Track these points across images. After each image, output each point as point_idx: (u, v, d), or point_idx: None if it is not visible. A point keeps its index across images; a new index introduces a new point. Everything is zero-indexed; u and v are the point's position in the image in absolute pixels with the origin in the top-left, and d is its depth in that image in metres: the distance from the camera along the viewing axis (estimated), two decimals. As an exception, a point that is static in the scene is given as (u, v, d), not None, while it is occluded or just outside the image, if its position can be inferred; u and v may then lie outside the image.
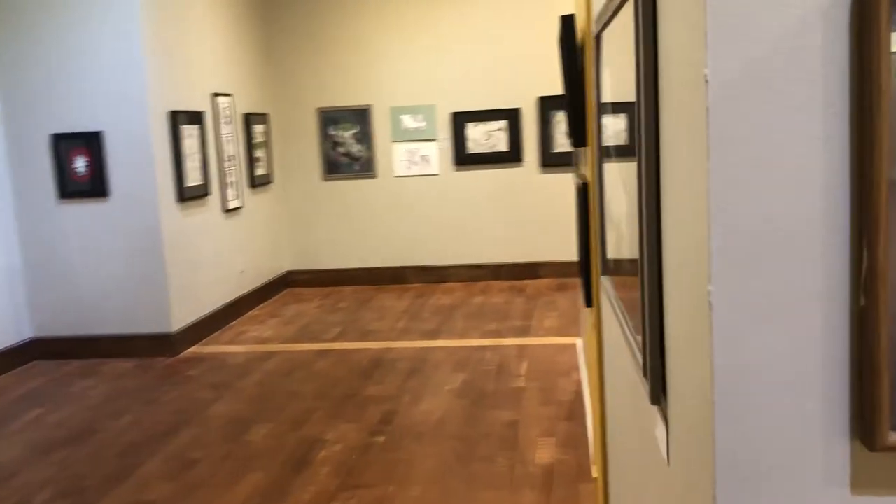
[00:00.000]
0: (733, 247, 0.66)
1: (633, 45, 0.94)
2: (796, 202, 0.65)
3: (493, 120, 7.39)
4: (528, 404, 4.27)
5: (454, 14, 7.34)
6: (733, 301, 0.66)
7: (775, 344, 0.66)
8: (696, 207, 0.71)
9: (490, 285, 7.40)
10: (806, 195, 0.64)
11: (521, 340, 5.52)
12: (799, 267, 0.65)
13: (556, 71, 7.15)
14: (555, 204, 7.40)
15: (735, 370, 0.67)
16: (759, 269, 0.66)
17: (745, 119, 0.64)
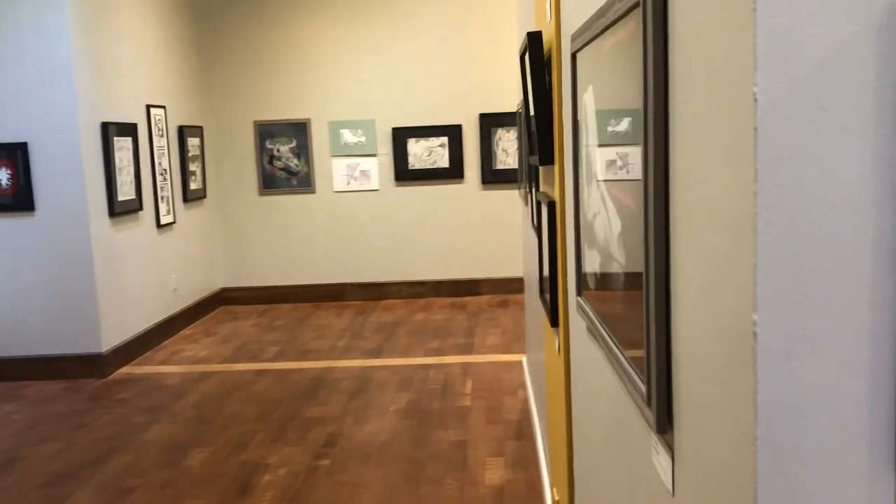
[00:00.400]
0: (781, 274, 0.62)
1: (640, 65, 0.91)
2: (846, 227, 0.61)
3: (435, 136, 7.36)
4: (475, 424, 4.22)
5: (395, 29, 7.31)
6: (779, 331, 0.63)
7: (821, 376, 0.63)
8: (731, 230, 0.67)
9: (431, 302, 7.35)
10: (856, 220, 0.61)
11: (465, 358, 5.47)
12: (847, 296, 0.62)
13: (497, 88, 7.21)
14: (496, 221, 7.41)
15: (779, 403, 0.63)
16: (807, 299, 0.62)
17: (793, 140, 0.61)
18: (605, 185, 1.21)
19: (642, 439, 1.10)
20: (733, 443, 0.71)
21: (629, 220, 1.05)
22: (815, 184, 0.61)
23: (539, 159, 1.92)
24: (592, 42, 1.26)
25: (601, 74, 1.20)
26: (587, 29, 1.31)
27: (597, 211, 1.30)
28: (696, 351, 0.82)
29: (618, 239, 1.12)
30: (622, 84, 1.05)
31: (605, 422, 1.40)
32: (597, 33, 1.21)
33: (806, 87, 0.61)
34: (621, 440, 1.26)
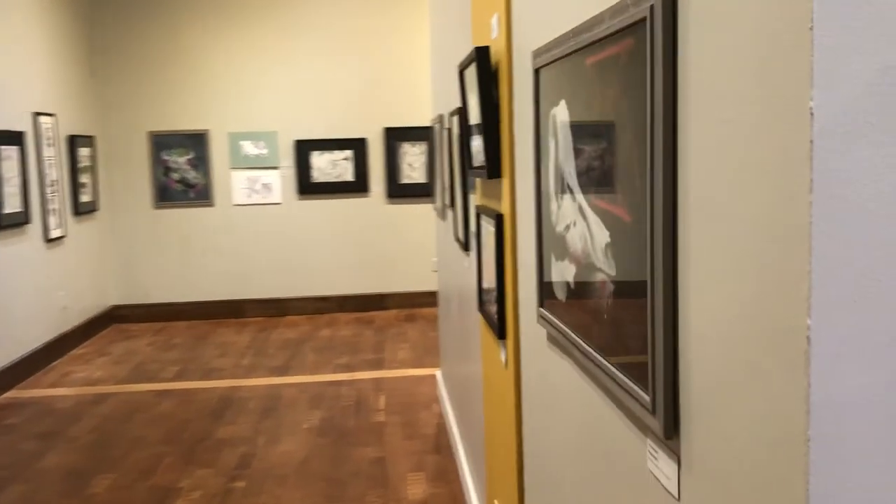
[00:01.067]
0: (833, 280, 0.65)
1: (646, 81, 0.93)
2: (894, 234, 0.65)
3: (339, 149, 7.30)
4: (391, 439, 4.18)
5: (299, 40, 7.21)
6: (832, 335, 0.65)
7: (873, 382, 0.66)
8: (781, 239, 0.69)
9: (336, 318, 7.25)
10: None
11: (376, 373, 5.42)
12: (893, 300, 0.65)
13: (402, 102, 7.22)
14: (401, 235, 7.40)
15: (831, 404, 0.66)
16: (856, 304, 0.65)
17: (846, 152, 0.64)
18: (585, 198, 1.23)
19: (632, 446, 1.12)
20: (770, 444, 0.73)
21: (619, 230, 1.08)
22: (866, 193, 0.64)
23: (487, 173, 1.94)
24: (568, 57, 1.29)
25: (581, 89, 1.22)
26: (559, 45, 1.34)
27: (570, 222, 1.32)
28: (716, 358, 0.84)
29: (604, 249, 1.14)
30: (613, 98, 1.08)
31: (575, 430, 1.42)
32: (576, 48, 1.23)
33: (858, 102, 0.64)
34: (600, 448, 1.28)
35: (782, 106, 0.68)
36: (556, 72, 1.38)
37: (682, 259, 0.91)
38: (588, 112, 1.20)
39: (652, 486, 1.04)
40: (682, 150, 0.90)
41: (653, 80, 0.92)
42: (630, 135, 1.02)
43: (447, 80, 3.65)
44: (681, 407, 0.94)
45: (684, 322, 0.91)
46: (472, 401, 3.13)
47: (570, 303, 1.35)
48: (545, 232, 1.51)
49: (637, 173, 1.00)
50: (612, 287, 1.12)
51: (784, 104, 0.67)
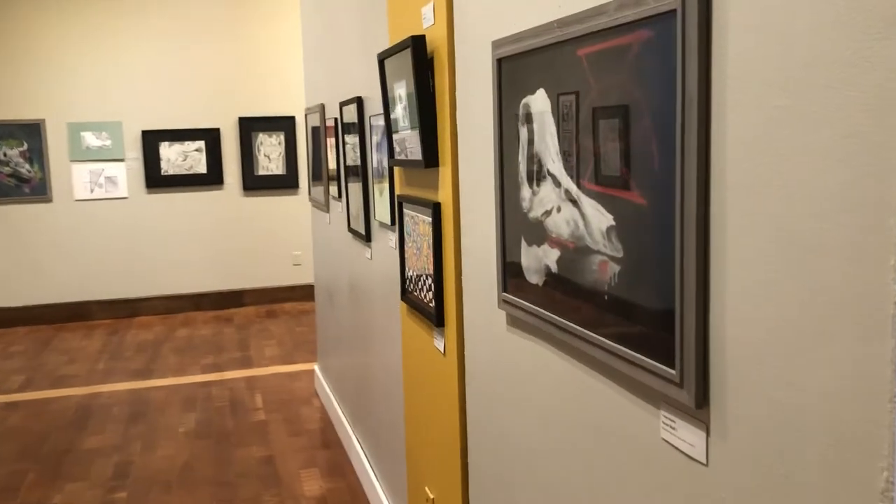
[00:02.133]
0: (918, 252, 0.72)
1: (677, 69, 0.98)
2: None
3: (190, 140, 6.98)
4: (276, 437, 4.08)
5: (145, 23, 6.81)
6: (914, 302, 0.73)
7: (944, 338, 0.74)
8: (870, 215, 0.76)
9: (192, 316, 6.94)
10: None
11: (247, 372, 5.26)
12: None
13: (258, 91, 7.00)
14: (259, 228, 7.20)
15: (911, 365, 0.73)
16: (932, 272, 0.73)
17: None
18: (576, 183, 1.27)
19: (638, 418, 1.17)
20: (842, 404, 0.80)
21: (629, 213, 1.12)
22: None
23: (424, 162, 1.94)
24: (551, 48, 1.32)
25: (571, 78, 1.26)
26: (536, 35, 1.37)
27: (552, 208, 1.36)
28: (761, 327, 0.91)
29: (605, 232, 1.19)
30: (621, 86, 1.12)
31: (551, 408, 1.46)
32: (563, 39, 1.27)
33: (937, 91, 0.71)
34: (589, 422, 1.33)
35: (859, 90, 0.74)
36: (529, 61, 1.41)
37: (717, 235, 0.97)
38: (580, 101, 1.24)
39: (668, 455, 1.10)
40: (716, 132, 0.95)
41: (685, 69, 0.97)
42: (647, 121, 1.06)
43: (332, 70, 3.60)
44: (711, 377, 1.00)
45: (717, 299, 0.97)
46: (374, 392, 3.12)
47: (552, 285, 1.38)
48: (511, 218, 1.54)
49: (657, 158, 1.05)
50: (617, 268, 1.17)
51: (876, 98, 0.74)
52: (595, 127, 1.21)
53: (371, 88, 2.85)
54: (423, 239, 2.08)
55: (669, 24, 1.00)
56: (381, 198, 2.71)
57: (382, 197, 2.69)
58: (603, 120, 1.18)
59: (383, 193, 2.68)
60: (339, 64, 3.41)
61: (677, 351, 1.03)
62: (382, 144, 2.64)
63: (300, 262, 7.24)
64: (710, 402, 1.01)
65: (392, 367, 2.78)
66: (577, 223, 1.28)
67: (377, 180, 2.77)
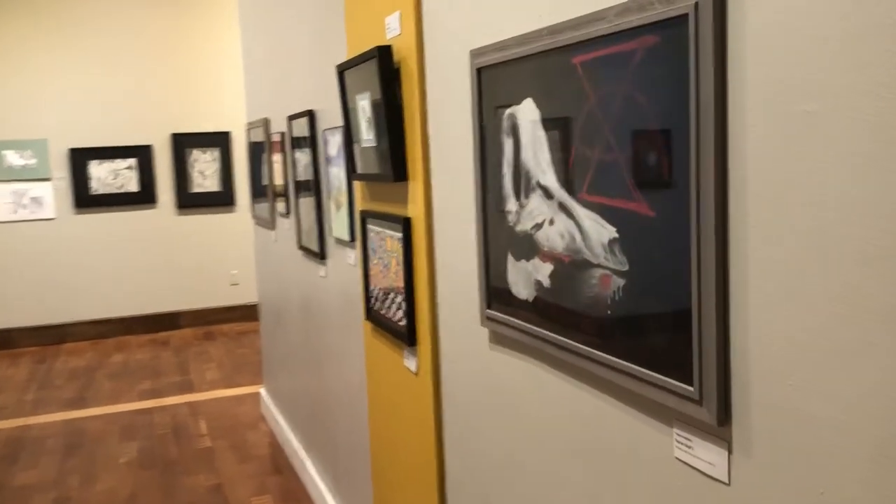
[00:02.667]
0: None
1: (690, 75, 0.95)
2: None
3: (121, 157, 6.74)
4: (224, 464, 3.93)
5: (73, 38, 6.56)
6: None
7: None
8: None
9: (125, 341, 6.68)
10: None
11: (189, 397, 5.07)
12: None
13: (192, 106, 6.79)
14: (194, 248, 6.99)
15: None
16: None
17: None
18: (572, 195, 1.23)
19: (647, 437, 1.13)
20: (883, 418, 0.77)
21: (634, 225, 1.09)
22: None
23: (393, 176, 1.88)
24: (540, 56, 1.28)
25: (565, 87, 1.22)
26: (522, 44, 1.33)
27: (543, 220, 1.32)
28: (790, 341, 0.88)
29: (607, 245, 1.15)
30: (623, 94, 1.09)
31: (541, 427, 1.41)
32: (554, 47, 1.23)
33: None
34: (588, 443, 1.28)
35: None
36: (514, 71, 1.37)
37: (738, 247, 0.93)
38: (576, 110, 1.20)
39: (684, 474, 1.06)
40: (734, 138, 0.92)
41: (699, 74, 0.94)
42: (655, 129, 1.03)
43: (279, 84, 3.51)
44: (732, 393, 0.97)
45: (739, 313, 0.94)
46: (332, 414, 3.02)
47: (544, 301, 1.34)
48: (495, 232, 1.49)
49: (666, 167, 1.01)
50: (621, 282, 1.13)
51: None
52: (593, 136, 1.17)
53: (324, 101, 2.78)
54: (390, 255, 2.01)
55: (679, 29, 0.97)
56: (339, 213, 2.63)
57: (340, 213, 2.61)
58: (603, 129, 1.14)
59: (341, 209, 2.60)
60: (288, 78, 3.32)
61: (695, 367, 1.00)
62: (339, 158, 2.56)
63: (238, 282, 7.06)
64: (731, 419, 0.98)
65: (353, 388, 2.69)
66: (574, 236, 1.24)
67: (333, 195, 2.69)
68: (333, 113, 2.65)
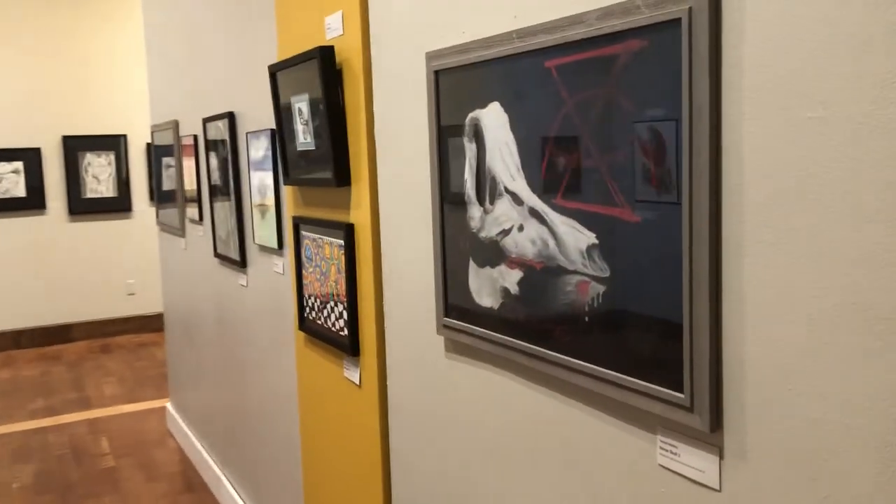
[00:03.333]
0: None
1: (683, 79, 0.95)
2: None
3: (6, 161, 6.32)
4: (130, 485, 3.72)
5: (-53, 34, 6.11)
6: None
7: None
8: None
9: (12, 356, 6.26)
10: None
11: (87, 414, 4.78)
12: None
13: (85, 107, 6.42)
14: (88, 256, 6.63)
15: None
16: None
17: None
18: (545, 200, 1.21)
19: (625, 445, 1.12)
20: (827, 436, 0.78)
21: (616, 231, 1.07)
22: None
23: (335, 181, 1.81)
24: (509, 59, 1.26)
25: (537, 90, 1.20)
26: (487, 47, 1.30)
27: (512, 226, 1.29)
28: (786, 347, 0.88)
29: (585, 251, 1.14)
30: (606, 98, 1.07)
31: (506, 437, 1.39)
32: (526, 50, 1.21)
33: None
34: (558, 452, 1.26)
35: None
36: (478, 74, 1.34)
37: (732, 252, 0.93)
38: (550, 114, 1.18)
39: (669, 481, 1.06)
40: (729, 144, 0.92)
41: (692, 78, 0.94)
42: (642, 134, 1.02)
43: (192, 85, 3.36)
44: (724, 400, 0.97)
45: (733, 319, 0.94)
46: (253, 428, 2.90)
47: (511, 308, 1.31)
48: (455, 239, 1.45)
49: (654, 171, 1.00)
50: (601, 288, 1.12)
51: None
52: (570, 141, 1.15)
53: (245, 103, 2.67)
54: (330, 263, 1.94)
55: (670, 33, 0.97)
56: (265, 220, 2.53)
57: (266, 219, 2.51)
58: (581, 134, 1.13)
59: (267, 215, 2.50)
60: (203, 78, 3.18)
61: (686, 374, 0.99)
62: (266, 162, 2.47)
63: (135, 292, 6.74)
64: (723, 425, 0.97)
65: (279, 400, 2.59)
66: (547, 242, 1.22)
67: (257, 201, 2.59)
68: (257, 115, 2.55)
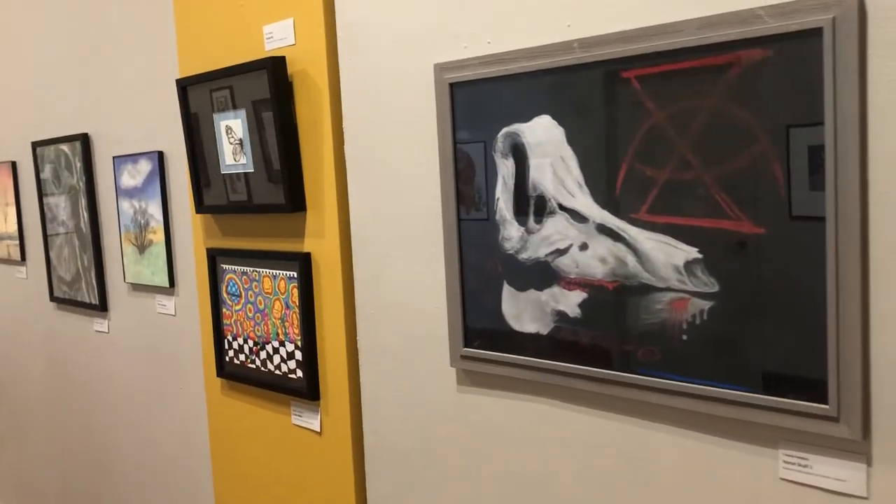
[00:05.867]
0: None
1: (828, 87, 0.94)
2: None
3: None
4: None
5: None
6: None
7: None
8: None
9: None
10: None
11: None
12: None
13: None
14: None
15: None
16: None
17: None
18: (625, 217, 1.16)
19: (737, 464, 1.09)
20: None
21: (731, 244, 1.05)
22: None
23: (288, 205, 1.61)
24: (562, 70, 1.19)
25: (609, 103, 1.15)
26: (535, 57, 1.23)
27: (567, 246, 1.22)
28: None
29: (683, 267, 1.10)
30: (711, 109, 1.05)
31: (543, 474, 1.30)
32: (600, 60, 1.16)
33: None
34: (629, 480, 1.21)
35: None
36: (518, 86, 1.26)
37: (880, 259, 0.94)
38: (630, 126, 1.13)
39: (799, 495, 1.04)
40: (876, 153, 0.94)
41: (836, 88, 0.94)
42: (764, 145, 1.01)
43: (12, 103, 2.89)
44: (872, 407, 0.97)
45: (887, 324, 0.95)
46: (115, 496, 2.51)
47: (570, 332, 1.24)
48: (479, 262, 1.35)
49: (782, 182, 0.99)
50: (706, 304, 1.08)
51: None
52: (659, 154, 1.11)
53: (110, 123, 2.34)
54: (271, 299, 1.73)
55: (803, 43, 0.97)
56: (144, 256, 2.21)
57: (147, 254, 2.20)
58: (676, 146, 1.09)
59: (149, 250, 2.19)
60: (36, 94, 2.74)
61: (833, 384, 0.98)
62: (148, 189, 2.16)
63: None
64: (871, 433, 0.98)
65: (161, 461, 2.27)
66: (624, 259, 1.16)
67: (132, 234, 2.26)
68: (131, 136, 2.24)
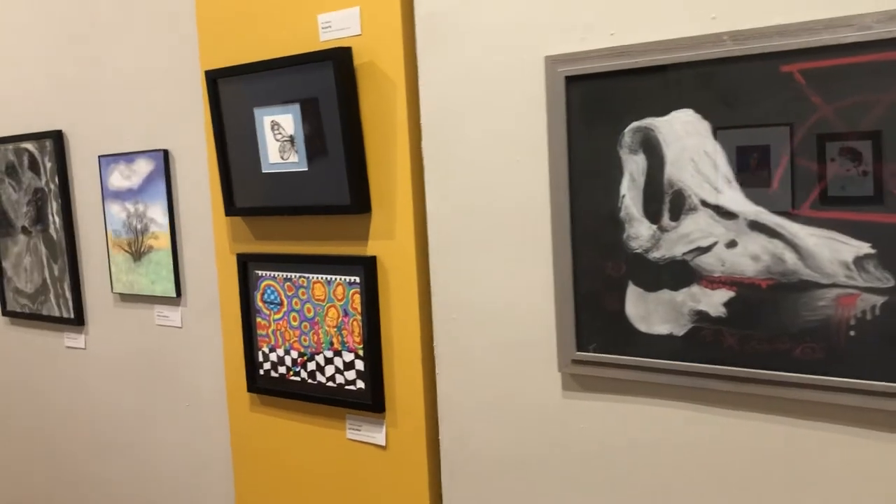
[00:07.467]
0: None
1: None
2: None
3: None
4: None
5: None
6: None
7: None
8: None
9: None
10: None
11: None
12: None
13: None
14: None
15: None
16: None
17: None
18: (783, 214, 1.14)
19: None
20: None
21: (893, 239, 1.05)
22: None
23: (352, 207, 1.49)
24: (706, 64, 1.17)
25: (769, 96, 1.12)
26: (672, 50, 1.19)
27: (711, 244, 1.19)
28: None
29: (854, 262, 1.09)
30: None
31: (691, 475, 1.27)
32: (745, 53, 1.13)
33: None
34: (785, 481, 1.19)
35: None
36: (650, 79, 1.22)
37: None
38: (795, 121, 1.11)
39: None
40: None
41: None
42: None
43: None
44: None
45: None
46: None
47: (712, 333, 1.21)
48: (598, 261, 1.30)
49: None
50: (879, 300, 1.08)
51: None
52: (825, 148, 1.10)
53: (86, 120, 2.13)
54: (322, 306, 1.61)
55: None
56: (142, 263, 2.02)
57: (146, 261, 2.00)
58: (846, 141, 1.08)
59: (148, 256, 2.00)
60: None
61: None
62: (149, 191, 1.97)
63: None
64: None
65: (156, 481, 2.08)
66: (782, 256, 1.14)
67: (124, 239, 2.06)
68: (123, 134, 2.05)
